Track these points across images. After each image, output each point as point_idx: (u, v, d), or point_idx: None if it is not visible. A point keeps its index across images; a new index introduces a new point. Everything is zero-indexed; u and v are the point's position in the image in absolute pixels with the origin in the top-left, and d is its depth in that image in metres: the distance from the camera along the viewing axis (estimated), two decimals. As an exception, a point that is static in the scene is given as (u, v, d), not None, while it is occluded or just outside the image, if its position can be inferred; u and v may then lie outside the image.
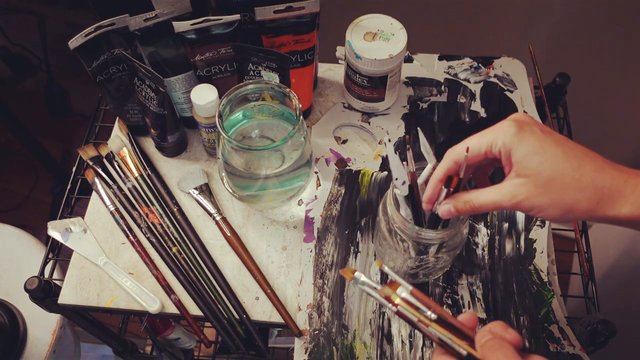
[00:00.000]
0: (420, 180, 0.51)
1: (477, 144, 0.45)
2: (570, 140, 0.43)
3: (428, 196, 0.49)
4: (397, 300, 0.38)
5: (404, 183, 0.50)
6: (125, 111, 0.72)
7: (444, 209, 0.47)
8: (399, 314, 0.38)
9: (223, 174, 0.64)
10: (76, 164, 0.74)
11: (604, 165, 0.41)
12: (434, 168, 0.50)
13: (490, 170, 0.50)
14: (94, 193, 0.71)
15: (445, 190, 0.47)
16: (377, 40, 0.69)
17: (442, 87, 0.79)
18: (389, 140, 0.47)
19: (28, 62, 1.78)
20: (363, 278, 0.39)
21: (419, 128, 0.50)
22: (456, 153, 0.46)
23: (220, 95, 0.61)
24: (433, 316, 0.38)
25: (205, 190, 0.69)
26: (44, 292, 0.62)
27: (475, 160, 0.45)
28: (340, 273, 0.48)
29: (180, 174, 0.71)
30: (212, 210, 0.68)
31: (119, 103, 0.71)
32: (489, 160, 0.46)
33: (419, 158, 0.51)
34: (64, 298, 0.63)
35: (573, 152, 0.41)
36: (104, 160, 0.72)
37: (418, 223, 0.52)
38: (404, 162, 0.49)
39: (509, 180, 0.43)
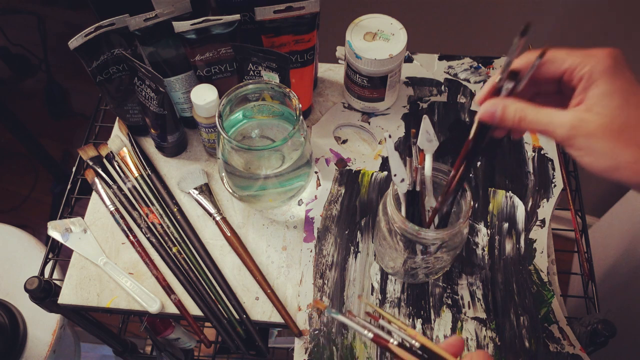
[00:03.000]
0: (427, 173, 0.51)
1: (562, 57, 0.39)
2: None
3: (483, 92, 0.43)
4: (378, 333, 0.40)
5: (402, 180, 0.50)
6: (125, 111, 0.72)
7: (489, 107, 0.41)
8: (375, 339, 0.40)
9: (223, 174, 0.64)
10: (76, 164, 0.74)
11: None
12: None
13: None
14: (94, 193, 0.71)
15: (506, 86, 0.40)
16: (377, 40, 0.69)
17: (442, 87, 0.79)
18: (390, 136, 0.46)
19: (28, 62, 1.78)
20: (334, 313, 0.41)
21: (425, 115, 0.49)
22: (536, 56, 0.40)
23: (220, 95, 0.61)
24: (417, 344, 0.39)
25: (205, 190, 0.69)
26: (44, 292, 0.62)
27: (549, 74, 0.40)
28: (313, 303, 0.49)
29: (180, 174, 0.71)
30: (212, 210, 0.68)
31: (119, 103, 0.71)
32: (556, 82, 0.41)
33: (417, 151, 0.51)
34: (64, 298, 0.63)
35: None
36: (104, 160, 0.72)
37: (418, 223, 0.52)
38: (407, 158, 0.49)
39: (575, 110, 0.39)
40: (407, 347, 0.39)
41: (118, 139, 0.74)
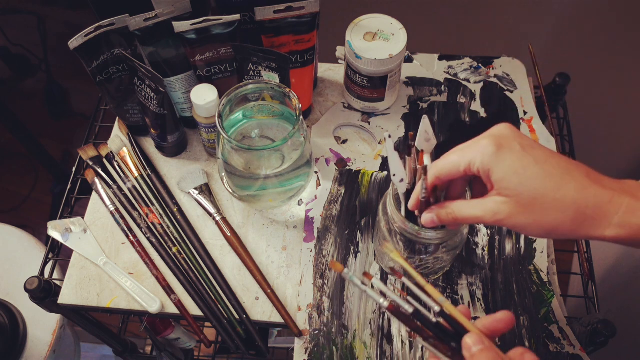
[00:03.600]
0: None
1: (456, 161, 0.44)
2: (553, 153, 0.41)
3: (411, 205, 0.49)
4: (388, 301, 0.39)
5: (401, 180, 0.50)
6: (125, 111, 0.72)
7: (427, 218, 0.47)
8: (391, 308, 0.38)
9: (223, 174, 0.64)
10: (76, 164, 0.74)
11: (588, 183, 0.39)
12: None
13: (466, 183, 0.49)
14: (94, 193, 0.71)
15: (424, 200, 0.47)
16: (377, 40, 0.69)
17: (442, 87, 0.79)
18: (389, 136, 0.46)
19: (28, 62, 1.78)
20: (352, 276, 0.40)
21: (425, 115, 0.49)
22: (438, 168, 0.46)
23: (220, 95, 0.61)
24: (436, 308, 0.38)
25: (205, 190, 0.69)
26: (44, 292, 0.62)
27: (455, 176, 0.45)
28: (329, 264, 0.48)
29: (180, 174, 0.71)
30: (212, 210, 0.68)
31: (119, 103, 0.71)
32: (469, 176, 0.45)
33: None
34: (64, 298, 0.63)
35: (554, 170, 0.40)
36: (104, 160, 0.72)
37: (418, 222, 0.52)
38: (407, 157, 0.49)
39: (491, 197, 0.42)
40: (425, 319, 0.38)
41: (118, 139, 0.74)
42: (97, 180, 0.70)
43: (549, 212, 0.39)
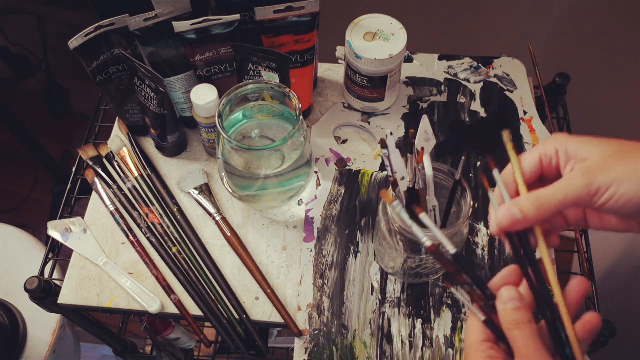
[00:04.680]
0: (428, 172, 0.51)
1: (535, 161, 0.40)
2: None
3: (500, 218, 0.39)
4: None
5: (403, 179, 0.50)
6: (125, 111, 0.72)
7: (505, 214, 0.37)
8: (432, 249, 0.36)
9: (223, 174, 0.64)
10: (76, 164, 0.74)
11: None
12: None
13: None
14: (94, 193, 0.71)
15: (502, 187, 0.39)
16: (377, 40, 0.69)
17: (442, 87, 0.79)
18: (391, 134, 0.46)
19: (28, 62, 1.78)
20: (401, 210, 0.38)
21: (425, 115, 0.49)
22: (510, 178, 0.40)
23: (220, 95, 0.61)
24: (452, 250, 0.36)
25: (205, 190, 0.69)
26: (44, 292, 0.62)
27: (530, 172, 0.40)
28: (381, 194, 0.43)
29: (180, 174, 0.71)
30: (212, 210, 0.68)
31: (119, 103, 0.71)
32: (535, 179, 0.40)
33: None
34: (64, 298, 0.63)
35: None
36: (104, 160, 0.72)
37: (418, 222, 0.52)
38: (409, 155, 0.49)
39: (572, 172, 0.38)
40: (468, 263, 0.36)
41: (118, 139, 0.74)
42: (97, 180, 0.70)
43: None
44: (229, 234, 0.66)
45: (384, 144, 0.46)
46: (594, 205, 0.36)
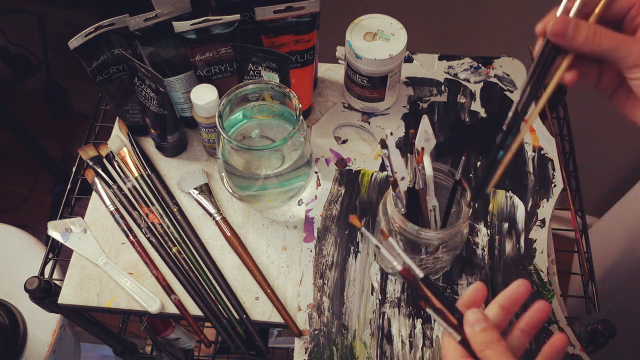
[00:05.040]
0: (428, 172, 0.51)
1: None
2: None
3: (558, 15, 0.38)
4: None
5: (403, 178, 0.50)
6: (125, 111, 0.72)
7: (559, 23, 0.36)
8: (404, 272, 0.38)
9: (223, 174, 0.64)
10: (76, 164, 0.74)
11: None
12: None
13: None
14: (94, 193, 0.71)
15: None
16: (377, 40, 0.69)
17: (442, 87, 0.79)
18: (391, 134, 0.46)
19: (28, 62, 1.78)
20: (369, 235, 0.40)
21: (424, 115, 0.49)
22: None
23: (220, 95, 0.61)
24: (421, 275, 0.38)
25: (205, 190, 0.69)
26: (44, 292, 0.62)
27: (618, 10, 0.38)
28: (350, 219, 0.44)
29: (180, 174, 0.71)
30: (212, 210, 0.68)
31: (119, 103, 0.71)
32: (619, 21, 0.38)
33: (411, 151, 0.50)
34: (64, 298, 0.63)
35: None
36: (104, 160, 0.72)
37: (418, 222, 0.52)
38: (409, 155, 0.49)
39: None
40: (436, 286, 0.38)
41: (118, 139, 0.74)
42: (97, 180, 0.70)
43: None
44: (229, 234, 0.66)
45: (384, 144, 0.46)
46: (629, 78, 0.36)
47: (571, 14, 0.37)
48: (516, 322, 0.38)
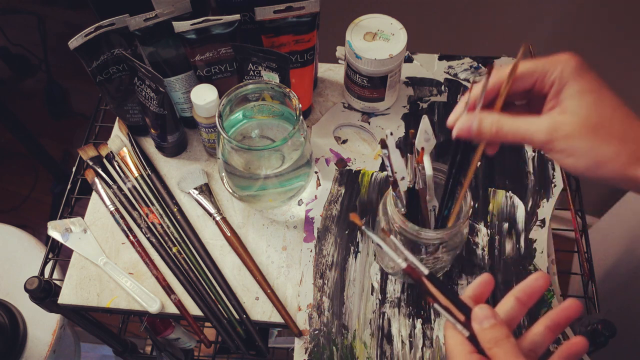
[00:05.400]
0: (428, 172, 0.51)
1: (531, 67, 0.40)
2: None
3: (456, 113, 0.42)
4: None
5: (403, 178, 0.50)
6: (125, 111, 0.72)
7: (463, 123, 0.40)
8: (409, 269, 0.37)
9: (223, 174, 0.64)
10: (76, 164, 0.74)
11: None
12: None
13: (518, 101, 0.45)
14: (94, 193, 0.71)
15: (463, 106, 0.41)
16: (377, 40, 0.69)
17: (442, 87, 0.79)
18: (391, 134, 0.46)
19: (28, 62, 1.78)
20: (370, 233, 0.40)
21: (424, 115, 0.49)
22: (504, 73, 0.40)
23: (220, 95, 0.61)
24: (425, 271, 0.37)
25: (205, 190, 0.69)
26: (44, 292, 0.62)
27: (521, 85, 0.41)
28: (350, 217, 0.44)
29: (180, 174, 0.71)
30: (212, 210, 0.68)
31: (119, 103, 0.71)
32: (524, 94, 0.42)
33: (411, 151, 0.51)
34: (64, 298, 0.63)
35: (623, 103, 0.39)
36: (104, 160, 0.72)
37: (418, 222, 0.52)
38: (409, 155, 0.49)
39: (550, 114, 0.39)
40: (441, 282, 0.37)
41: (118, 139, 0.74)
42: (97, 180, 0.70)
43: (611, 140, 0.37)
44: (229, 234, 0.66)
45: (384, 144, 0.46)
46: (546, 153, 0.40)
47: (477, 108, 0.41)
48: (542, 318, 0.37)
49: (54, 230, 0.67)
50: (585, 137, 0.38)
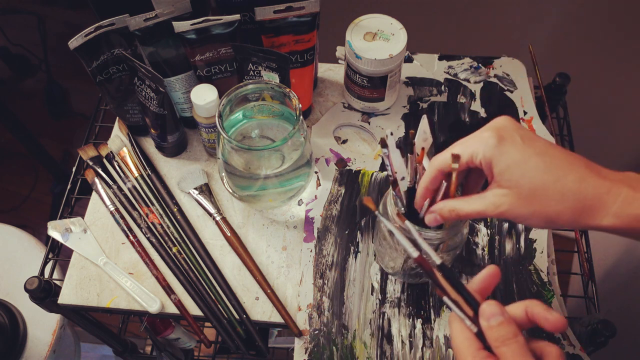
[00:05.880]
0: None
1: (461, 152, 0.44)
2: (553, 145, 0.42)
3: (417, 203, 0.49)
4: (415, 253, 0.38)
5: (403, 178, 0.50)
6: (125, 111, 0.72)
7: (430, 217, 0.48)
8: (420, 259, 0.37)
9: (223, 174, 0.64)
10: (76, 164, 0.74)
11: (588, 174, 0.40)
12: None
13: (482, 179, 0.49)
14: (94, 193, 0.71)
15: (427, 202, 0.48)
16: (377, 40, 0.69)
17: (442, 87, 0.79)
18: (391, 134, 0.46)
19: (28, 62, 1.78)
20: (383, 218, 0.41)
21: (424, 115, 0.49)
22: (439, 161, 0.45)
23: (220, 95, 0.61)
24: (437, 261, 0.37)
25: (205, 190, 0.69)
26: (44, 292, 0.62)
27: (459, 169, 0.45)
28: (364, 201, 0.46)
29: (180, 174, 0.71)
30: (212, 210, 0.68)
31: (119, 103, 0.71)
32: (473, 169, 0.46)
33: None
34: (64, 298, 0.63)
35: (555, 161, 0.41)
36: (104, 160, 0.72)
37: (418, 222, 0.52)
38: (409, 155, 0.49)
39: (492, 190, 0.43)
40: (453, 274, 0.37)
41: (118, 139, 0.74)
42: (97, 180, 0.70)
43: (549, 203, 0.40)
44: (229, 234, 0.66)
45: (384, 143, 0.46)
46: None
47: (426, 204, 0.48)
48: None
49: (54, 230, 0.67)
50: (526, 206, 0.41)
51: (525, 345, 0.34)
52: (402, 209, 0.53)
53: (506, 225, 0.67)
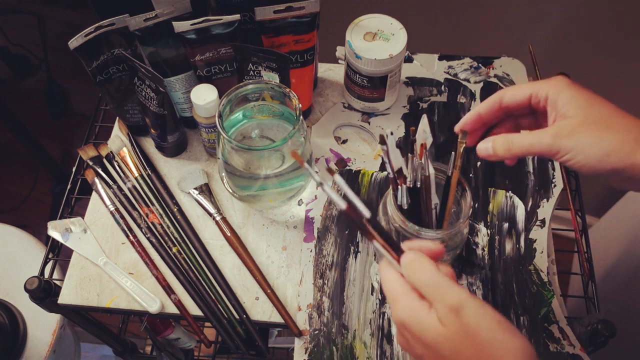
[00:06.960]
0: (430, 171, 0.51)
1: (525, 88, 0.46)
2: None
3: (459, 125, 0.50)
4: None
5: (402, 175, 0.50)
6: (125, 111, 0.72)
7: (482, 147, 0.47)
8: (348, 210, 0.40)
9: (223, 174, 0.64)
10: (76, 164, 0.74)
11: None
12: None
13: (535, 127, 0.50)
14: (94, 193, 0.71)
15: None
16: (377, 40, 0.69)
17: (442, 87, 0.79)
18: (391, 133, 0.46)
19: (28, 62, 1.78)
20: (310, 169, 0.43)
21: (424, 115, 0.49)
22: (508, 95, 0.47)
23: (220, 95, 0.61)
24: (367, 215, 0.40)
25: (205, 190, 0.69)
26: (44, 292, 0.62)
27: (515, 104, 0.47)
28: (291, 154, 0.50)
29: (180, 174, 0.71)
30: (212, 210, 0.68)
31: (119, 103, 0.71)
32: (525, 109, 0.47)
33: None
34: (64, 298, 0.63)
35: (616, 106, 0.42)
36: (104, 160, 0.72)
37: (418, 222, 0.52)
38: (409, 154, 0.49)
39: (552, 125, 0.44)
40: (380, 226, 0.40)
41: (118, 139, 0.74)
42: (97, 180, 0.71)
43: (615, 129, 0.41)
44: (229, 234, 0.66)
45: (382, 140, 0.46)
46: (557, 160, 0.44)
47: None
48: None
49: (54, 230, 0.67)
50: (588, 132, 0.41)
51: (430, 263, 0.38)
52: (405, 204, 0.53)
53: (506, 225, 0.67)
